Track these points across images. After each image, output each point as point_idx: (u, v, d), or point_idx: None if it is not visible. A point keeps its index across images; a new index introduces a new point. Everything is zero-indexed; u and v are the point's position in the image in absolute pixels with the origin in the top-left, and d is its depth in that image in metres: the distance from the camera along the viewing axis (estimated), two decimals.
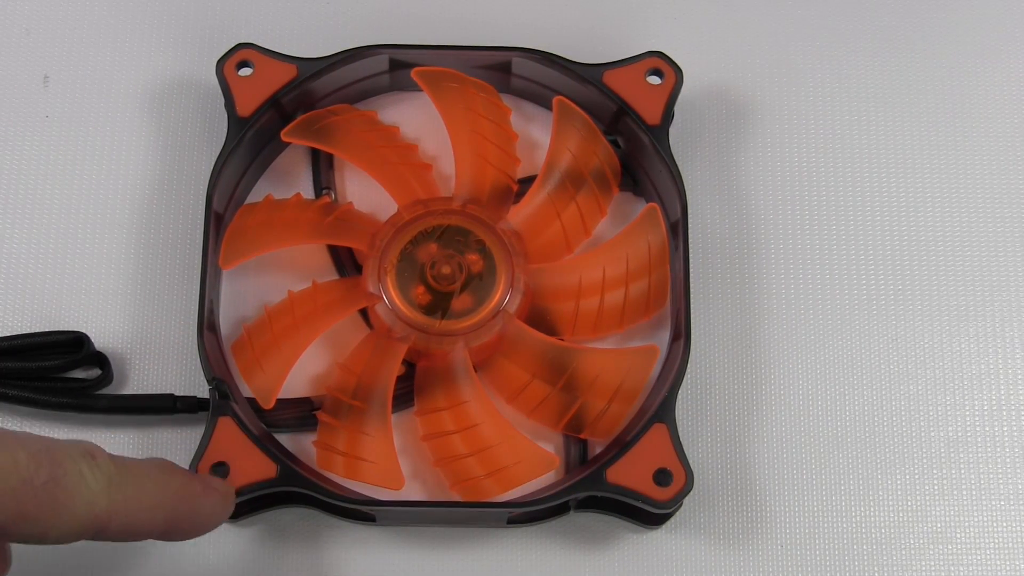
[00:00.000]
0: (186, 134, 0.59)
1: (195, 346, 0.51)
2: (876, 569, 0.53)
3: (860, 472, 0.55)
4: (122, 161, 0.58)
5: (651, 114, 0.55)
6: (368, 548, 0.53)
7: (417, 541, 0.53)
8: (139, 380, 0.55)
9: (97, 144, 0.59)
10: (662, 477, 0.50)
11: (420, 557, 0.53)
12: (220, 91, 0.55)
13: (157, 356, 0.55)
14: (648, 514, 0.52)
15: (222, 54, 0.55)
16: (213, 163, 0.54)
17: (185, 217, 0.57)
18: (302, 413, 0.53)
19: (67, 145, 0.59)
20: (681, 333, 0.52)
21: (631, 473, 0.50)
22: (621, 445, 0.51)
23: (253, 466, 0.49)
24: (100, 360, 0.54)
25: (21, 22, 0.61)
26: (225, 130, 0.54)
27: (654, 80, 0.56)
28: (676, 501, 0.50)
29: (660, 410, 0.51)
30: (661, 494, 0.50)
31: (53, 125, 0.59)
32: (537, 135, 0.58)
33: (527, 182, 0.56)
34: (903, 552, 0.54)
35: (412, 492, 0.53)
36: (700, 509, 0.54)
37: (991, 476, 0.55)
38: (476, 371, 0.53)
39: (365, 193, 0.57)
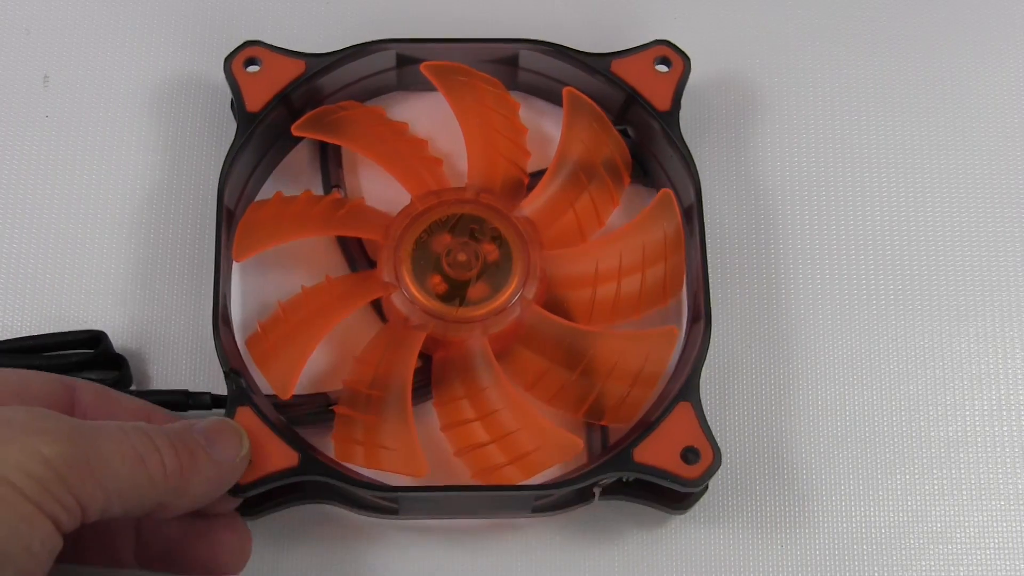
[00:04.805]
0: (190, 134, 0.59)
1: (207, 344, 0.51)
2: (876, 569, 0.53)
3: (860, 472, 0.54)
4: (124, 161, 0.58)
5: (661, 100, 0.55)
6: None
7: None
8: (155, 379, 0.55)
9: (98, 144, 0.59)
10: (689, 455, 0.49)
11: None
12: (224, 90, 0.55)
13: (170, 355, 0.55)
14: (674, 497, 0.51)
15: (228, 52, 0.55)
16: (220, 162, 0.54)
17: (191, 217, 0.57)
18: (318, 407, 0.52)
19: (67, 145, 0.59)
20: (701, 315, 0.52)
21: (658, 452, 0.49)
22: (644, 427, 0.50)
23: (275, 455, 0.48)
24: (118, 362, 0.54)
25: (21, 22, 0.61)
26: (230, 130, 0.54)
27: (662, 69, 0.56)
28: (705, 478, 0.49)
29: (684, 389, 0.50)
30: (689, 472, 0.49)
31: (53, 125, 0.59)
32: (546, 130, 0.59)
33: (538, 176, 0.56)
34: (903, 552, 0.54)
35: None
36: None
37: (991, 476, 0.55)
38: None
39: (375, 191, 0.57)
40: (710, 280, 0.54)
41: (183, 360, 0.55)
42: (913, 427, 0.55)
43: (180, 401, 0.52)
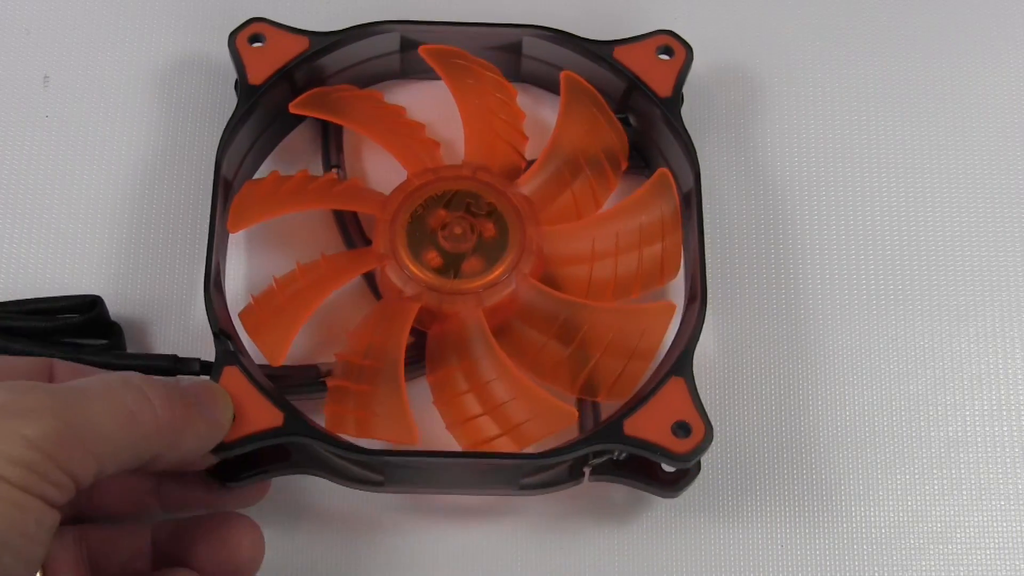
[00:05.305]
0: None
1: (201, 316, 0.50)
2: (876, 569, 0.53)
3: (860, 472, 0.54)
4: (124, 155, 0.58)
5: (662, 87, 0.56)
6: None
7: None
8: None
9: (98, 144, 0.59)
10: (680, 430, 0.48)
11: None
12: (227, 71, 0.55)
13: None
14: (666, 480, 0.51)
15: (230, 31, 0.55)
16: (219, 138, 0.54)
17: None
18: (308, 379, 0.52)
19: (67, 145, 0.59)
20: (697, 295, 0.52)
21: (649, 425, 0.48)
22: (637, 401, 0.50)
23: (259, 414, 0.48)
24: (112, 329, 0.53)
25: (21, 22, 0.61)
26: (232, 108, 0.54)
27: (664, 57, 0.56)
28: (696, 454, 0.48)
29: (677, 364, 0.50)
30: (680, 446, 0.48)
31: (53, 125, 0.59)
32: (548, 119, 0.59)
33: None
34: (903, 552, 0.53)
35: None
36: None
37: (991, 476, 0.55)
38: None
39: (374, 175, 0.57)
40: (712, 271, 0.54)
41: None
42: (913, 427, 0.55)
43: (169, 367, 0.52)
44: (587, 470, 0.50)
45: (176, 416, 0.43)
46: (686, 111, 0.56)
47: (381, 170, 0.57)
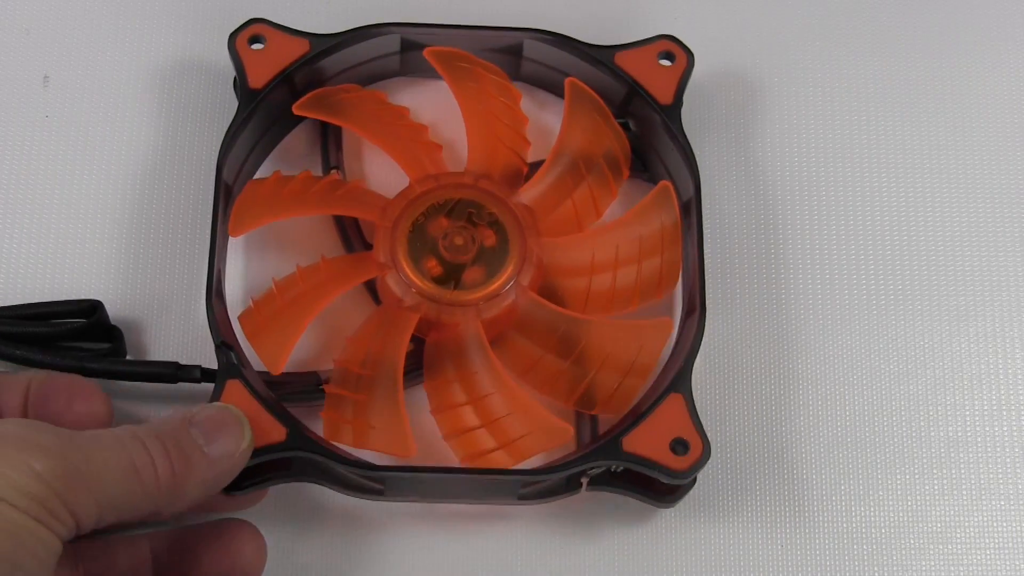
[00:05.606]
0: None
1: (202, 319, 0.50)
2: (876, 569, 0.53)
3: (860, 472, 0.54)
4: (124, 155, 0.58)
5: (663, 94, 0.56)
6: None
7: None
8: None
9: (98, 144, 0.59)
10: (678, 446, 0.49)
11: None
12: (226, 73, 0.55)
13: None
14: (662, 490, 0.51)
15: (230, 32, 0.55)
16: (221, 141, 0.53)
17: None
18: (308, 386, 0.52)
19: (67, 145, 0.59)
20: (695, 308, 0.52)
21: (647, 442, 0.49)
22: (635, 417, 0.50)
23: (262, 429, 0.48)
24: (113, 333, 0.53)
25: (21, 22, 0.61)
26: (232, 111, 0.54)
27: (665, 63, 0.56)
28: (693, 470, 0.49)
29: (676, 380, 0.50)
30: (678, 463, 0.49)
31: (53, 125, 0.59)
32: (548, 122, 0.59)
33: (537, 167, 0.56)
34: (903, 552, 0.53)
35: None
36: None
37: (991, 476, 0.55)
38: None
39: (374, 176, 0.57)
40: (710, 275, 0.54)
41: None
42: (913, 427, 0.55)
43: (170, 373, 0.52)
44: (584, 481, 0.51)
45: (177, 470, 0.44)
46: (685, 112, 0.56)
47: (381, 171, 0.57)
